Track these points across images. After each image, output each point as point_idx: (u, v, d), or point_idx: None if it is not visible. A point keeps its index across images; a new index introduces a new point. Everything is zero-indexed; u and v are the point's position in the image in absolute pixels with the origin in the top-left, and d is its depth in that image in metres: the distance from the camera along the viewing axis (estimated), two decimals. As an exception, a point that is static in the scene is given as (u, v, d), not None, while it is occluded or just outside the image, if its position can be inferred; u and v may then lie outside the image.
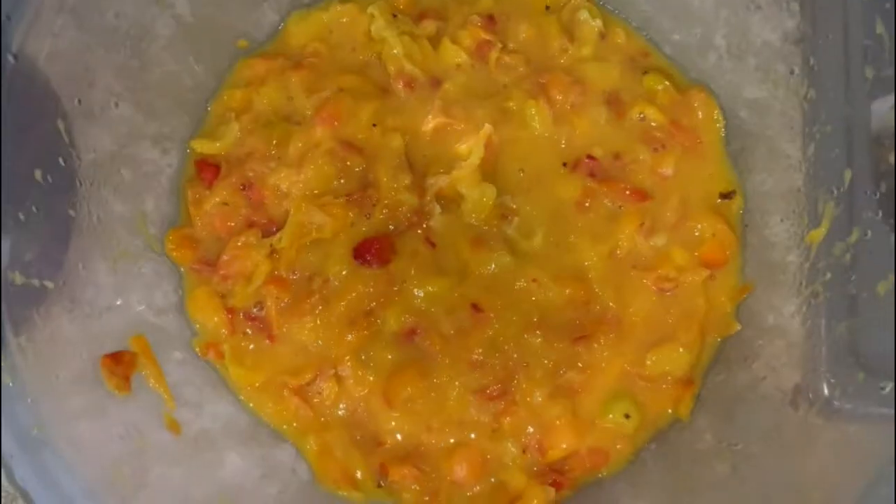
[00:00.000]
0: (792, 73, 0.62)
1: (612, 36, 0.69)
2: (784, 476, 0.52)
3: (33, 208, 0.49)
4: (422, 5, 0.69)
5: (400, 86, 0.66)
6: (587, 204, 0.64)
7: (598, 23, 0.68)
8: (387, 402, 0.60)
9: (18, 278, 0.47)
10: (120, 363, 0.53)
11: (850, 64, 0.57)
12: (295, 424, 0.61)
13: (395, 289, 0.62)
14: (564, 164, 0.65)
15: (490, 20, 0.68)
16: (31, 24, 0.49)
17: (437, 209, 0.63)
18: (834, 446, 0.51)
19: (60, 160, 0.53)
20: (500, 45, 0.67)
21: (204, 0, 0.62)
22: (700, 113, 0.67)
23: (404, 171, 0.64)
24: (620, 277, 0.63)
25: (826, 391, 0.55)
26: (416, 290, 0.61)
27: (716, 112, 0.67)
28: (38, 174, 0.50)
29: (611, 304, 0.62)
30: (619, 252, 0.63)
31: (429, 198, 0.63)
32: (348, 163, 0.63)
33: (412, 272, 0.62)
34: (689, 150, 0.66)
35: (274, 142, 0.64)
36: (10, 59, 0.47)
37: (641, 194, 0.64)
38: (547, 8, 0.69)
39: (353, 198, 0.63)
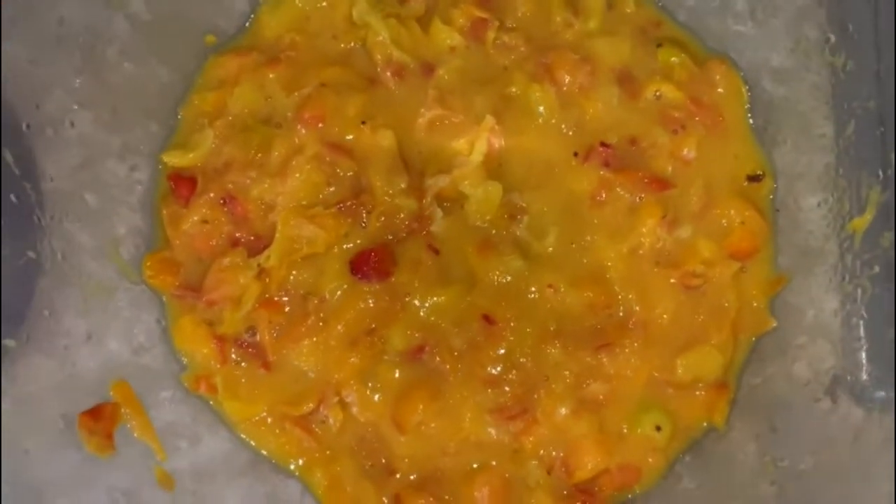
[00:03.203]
0: (827, 41, 0.56)
1: (619, 5, 0.62)
2: (836, 502, 0.48)
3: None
4: (408, -18, 0.62)
5: (388, 76, 0.60)
6: (603, 197, 0.58)
7: None
8: (397, 427, 0.56)
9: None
10: (100, 419, 0.48)
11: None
12: (301, 459, 0.57)
13: (399, 303, 0.56)
14: (576, 154, 0.59)
15: None
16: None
17: (439, 212, 0.58)
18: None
19: (13, 197, 0.47)
20: (496, 24, 0.60)
21: (164, -4, 0.56)
22: (721, 87, 0.61)
23: (399, 173, 0.58)
24: (643, 277, 0.57)
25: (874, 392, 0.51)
26: (421, 302, 0.56)
27: (739, 85, 0.61)
28: (-13, 217, 0.44)
29: (634, 306, 0.57)
30: (640, 249, 0.58)
31: (428, 200, 0.58)
32: (337, 168, 0.57)
33: (416, 284, 0.57)
34: (711, 129, 0.60)
35: (254, 149, 0.58)
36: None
37: (662, 182, 0.58)
38: None
39: (345, 206, 0.57)
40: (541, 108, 0.59)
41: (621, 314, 0.57)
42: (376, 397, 0.56)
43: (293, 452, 0.57)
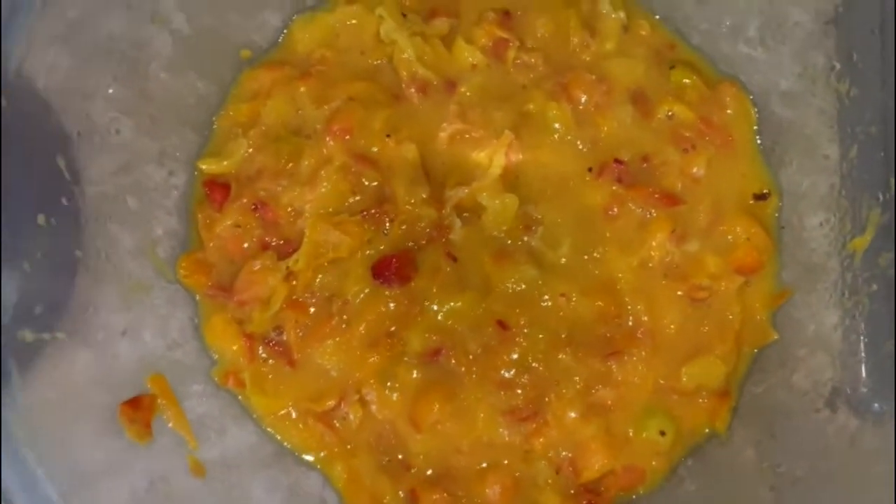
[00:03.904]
0: (833, 68, 0.59)
1: (635, 28, 0.65)
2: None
3: (38, 255, 0.47)
4: (432, 2, 0.65)
5: (413, 91, 0.63)
6: (615, 211, 0.61)
7: (622, 14, 0.64)
8: (413, 425, 0.58)
9: (29, 335, 0.45)
10: (139, 409, 0.51)
11: (896, 61, 0.53)
12: (322, 452, 0.59)
13: (417, 308, 0.59)
14: (590, 170, 0.61)
15: (506, 16, 0.64)
16: (23, 60, 0.46)
17: (458, 222, 0.60)
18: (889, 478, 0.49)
19: (63, 200, 0.50)
20: (517, 44, 0.63)
21: (202, 12, 0.59)
22: (731, 109, 0.64)
23: (421, 184, 0.61)
24: (652, 288, 0.60)
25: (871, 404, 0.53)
26: (438, 307, 0.59)
27: (748, 107, 0.64)
28: (41, 219, 0.48)
29: (643, 317, 0.59)
30: (650, 262, 0.60)
31: (448, 210, 0.60)
32: (362, 178, 0.60)
33: (434, 289, 0.59)
34: (720, 148, 0.63)
35: (284, 158, 0.61)
36: (3, 98, 0.44)
37: (672, 199, 0.61)
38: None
39: (369, 214, 0.60)
40: (557, 125, 0.62)
41: (630, 324, 0.59)
42: (394, 396, 0.58)
43: (315, 446, 0.59)
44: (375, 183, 0.61)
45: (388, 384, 0.58)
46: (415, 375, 0.58)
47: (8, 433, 0.41)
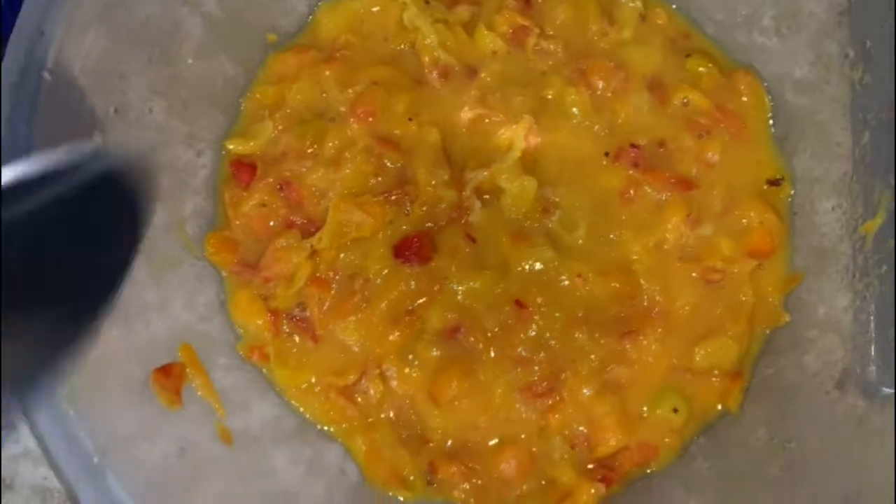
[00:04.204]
0: (846, 56, 0.60)
1: (652, 17, 0.66)
2: (839, 484, 0.52)
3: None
4: (455, -11, 0.67)
5: (434, 76, 0.64)
6: (631, 194, 0.62)
7: (638, 3, 0.65)
8: (432, 401, 0.60)
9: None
10: (170, 376, 0.53)
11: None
12: (343, 425, 0.61)
13: (437, 286, 0.61)
14: (607, 154, 0.63)
15: (526, 4, 0.66)
16: (64, 39, 0.48)
17: (477, 204, 0.62)
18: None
19: (100, 175, 0.52)
20: (537, 31, 0.65)
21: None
22: (745, 97, 0.65)
23: (442, 166, 0.62)
24: (667, 270, 0.61)
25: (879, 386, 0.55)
26: (457, 286, 0.61)
27: (762, 95, 0.65)
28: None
29: (658, 297, 0.61)
30: (665, 244, 0.62)
31: (468, 192, 0.62)
32: (385, 160, 0.62)
33: (453, 269, 0.61)
34: (734, 135, 0.64)
35: (309, 140, 0.63)
36: (47, 76, 0.46)
37: (687, 183, 0.62)
38: None
39: (391, 195, 0.62)
40: (575, 111, 0.64)
41: (645, 304, 0.61)
42: (414, 373, 0.60)
43: (336, 419, 0.61)
44: (398, 165, 0.62)
45: (408, 360, 0.60)
46: (434, 353, 0.60)
47: (51, 391, 0.43)
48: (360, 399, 0.61)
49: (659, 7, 0.66)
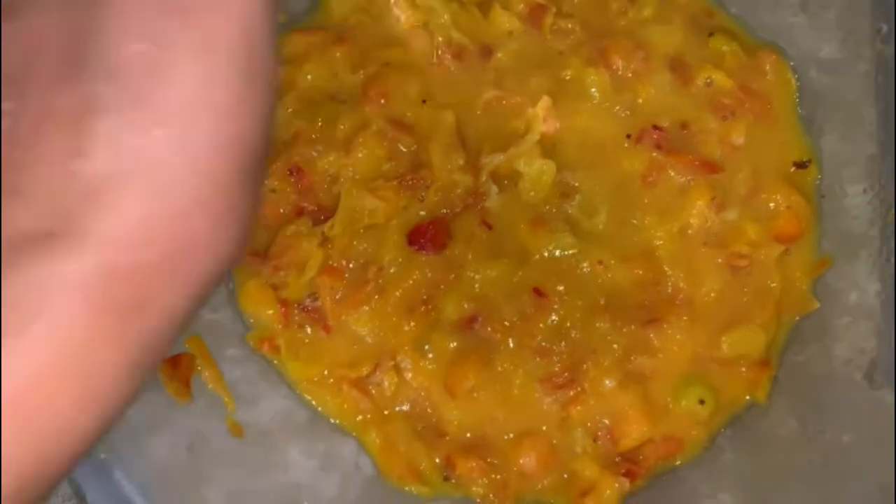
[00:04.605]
0: (879, 31, 0.58)
1: (674, -6, 0.64)
2: (875, 474, 0.49)
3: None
4: (469, -32, 0.65)
5: (449, 57, 0.62)
6: (654, 178, 0.60)
7: None
8: (448, 393, 0.58)
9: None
10: (178, 367, 0.51)
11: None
12: (357, 418, 0.59)
13: (453, 275, 0.59)
14: (628, 136, 0.61)
15: None
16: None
17: (494, 189, 0.60)
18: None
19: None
20: (554, 10, 0.63)
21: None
22: (771, 76, 0.63)
23: (457, 150, 0.60)
24: (691, 256, 0.59)
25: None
26: (474, 275, 0.59)
27: (788, 75, 0.63)
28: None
29: (682, 284, 0.59)
30: (689, 229, 0.59)
31: (484, 178, 0.60)
32: (399, 143, 0.60)
33: (469, 257, 0.59)
34: (759, 116, 0.62)
35: (320, 123, 0.61)
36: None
37: (711, 166, 0.60)
38: None
39: (405, 181, 0.60)
40: (594, 91, 0.61)
41: (669, 291, 0.59)
42: (429, 364, 0.58)
43: (350, 412, 0.59)
44: (412, 149, 0.60)
45: (423, 352, 0.58)
46: (450, 344, 0.58)
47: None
48: (373, 391, 0.59)
49: None
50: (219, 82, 0.28)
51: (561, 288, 0.58)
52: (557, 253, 0.59)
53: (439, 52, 0.63)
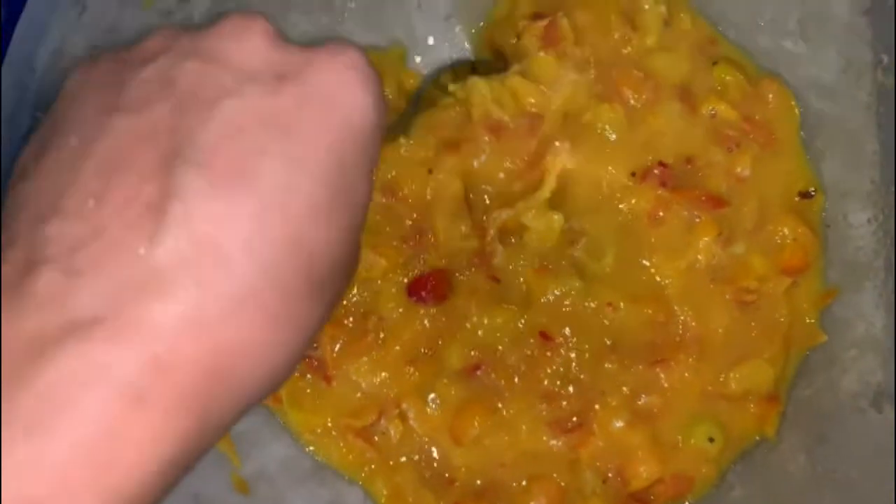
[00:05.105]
0: (880, 62, 0.57)
1: (677, 22, 0.62)
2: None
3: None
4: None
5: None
6: (660, 216, 0.59)
7: (662, 8, 0.61)
8: (454, 441, 0.57)
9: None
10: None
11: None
12: (363, 467, 0.58)
13: (455, 324, 0.57)
14: (633, 175, 0.59)
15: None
16: (57, 75, 0.44)
17: (500, 249, 0.58)
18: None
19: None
20: (570, 38, 0.60)
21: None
22: (774, 105, 0.61)
23: (463, 217, 0.59)
24: (699, 293, 0.58)
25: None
26: (477, 323, 0.57)
27: (791, 104, 0.62)
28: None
29: (691, 322, 0.58)
30: (696, 266, 0.59)
31: (491, 236, 0.58)
32: (396, 212, 0.58)
33: (472, 307, 0.57)
34: (763, 146, 0.61)
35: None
36: (39, 116, 0.42)
37: (718, 201, 0.59)
38: None
39: (408, 243, 0.58)
40: (607, 128, 0.59)
41: (679, 330, 0.58)
42: (434, 412, 0.57)
43: (355, 462, 0.58)
44: (413, 218, 0.58)
45: (427, 400, 0.57)
46: (453, 392, 0.57)
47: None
48: (378, 440, 0.58)
49: (683, 11, 0.62)
50: (300, 190, 0.29)
51: (567, 331, 0.57)
52: (564, 297, 0.57)
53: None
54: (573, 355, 0.57)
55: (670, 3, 0.62)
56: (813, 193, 0.61)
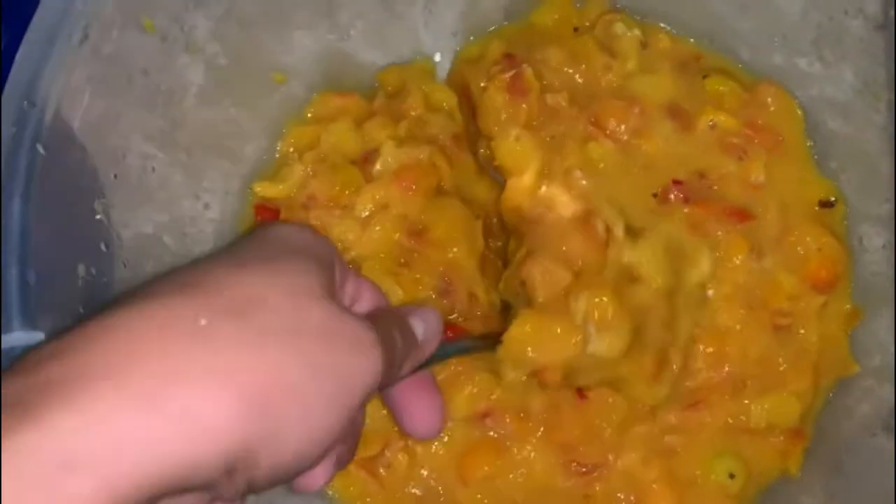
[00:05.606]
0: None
1: (654, 43, 0.61)
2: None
3: (80, 309, 0.43)
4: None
5: None
6: (699, 233, 0.56)
7: (636, 32, 0.60)
8: (461, 481, 0.56)
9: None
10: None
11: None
12: (365, 499, 0.56)
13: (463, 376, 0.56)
14: (655, 196, 0.57)
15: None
16: (60, 104, 0.43)
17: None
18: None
19: (102, 245, 0.47)
20: (538, 85, 0.58)
21: (235, 39, 0.56)
22: (774, 108, 0.60)
23: (478, 283, 0.57)
24: (740, 319, 0.56)
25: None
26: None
27: (792, 104, 0.60)
28: (80, 269, 0.44)
29: (734, 355, 0.55)
30: (737, 291, 0.56)
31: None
32: (418, 255, 0.57)
33: None
34: (772, 150, 0.59)
35: (337, 188, 0.57)
36: (41, 150, 0.41)
37: (742, 213, 0.57)
38: (576, 30, 0.62)
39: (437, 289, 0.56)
40: (602, 165, 0.57)
41: (726, 369, 0.55)
42: (440, 451, 0.56)
43: (358, 494, 0.56)
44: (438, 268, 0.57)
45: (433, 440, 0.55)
46: (462, 432, 0.56)
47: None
48: (383, 472, 0.56)
49: (660, 32, 0.62)
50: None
51: (605, 390, 0.54)
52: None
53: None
54: (604, 416, 0.55)
55: (644, 27, 0.61)
56: (833, 202, 0.59)
